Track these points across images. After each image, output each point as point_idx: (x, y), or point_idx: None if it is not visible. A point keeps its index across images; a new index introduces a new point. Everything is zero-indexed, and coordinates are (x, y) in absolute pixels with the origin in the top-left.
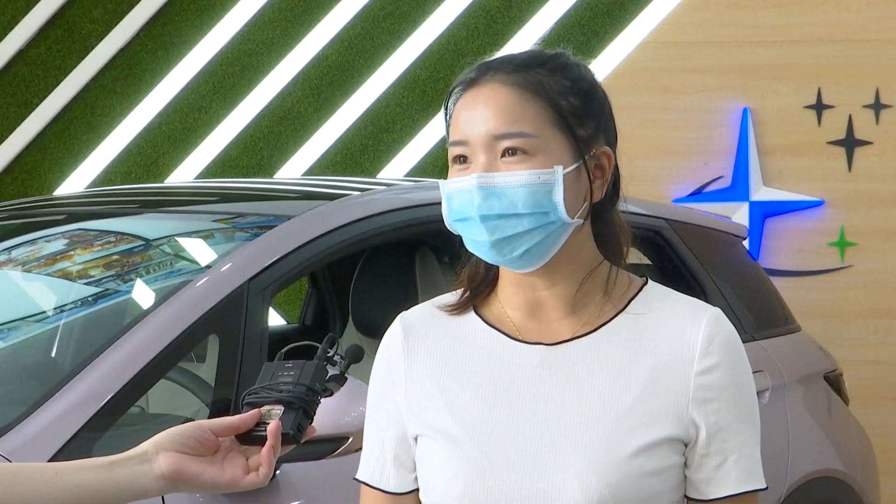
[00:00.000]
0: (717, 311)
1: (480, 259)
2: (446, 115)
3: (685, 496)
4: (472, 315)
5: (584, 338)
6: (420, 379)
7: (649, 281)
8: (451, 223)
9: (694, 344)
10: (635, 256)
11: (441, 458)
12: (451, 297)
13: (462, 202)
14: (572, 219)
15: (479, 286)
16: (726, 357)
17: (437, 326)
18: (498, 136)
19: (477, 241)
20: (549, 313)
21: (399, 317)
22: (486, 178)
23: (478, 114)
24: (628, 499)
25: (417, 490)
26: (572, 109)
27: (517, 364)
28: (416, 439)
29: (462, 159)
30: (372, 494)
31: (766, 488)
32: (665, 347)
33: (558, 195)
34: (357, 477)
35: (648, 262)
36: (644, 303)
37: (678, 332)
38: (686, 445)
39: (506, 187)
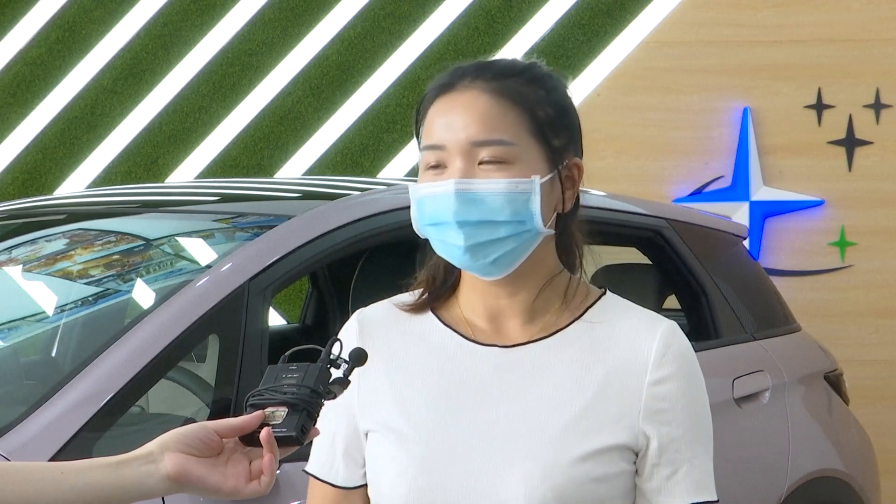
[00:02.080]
0: (673, 323)
1: (441, 264)
2: (417, 118)
3: None
4: (429, 315)
5: (539, 342)
6: (373, 375)
7: (608, 292)
8: (421, 227)
9: (647, 354)
10: (636, 256)
11: (389, 455)
12: (410, 296)
13: (437, 207)
14: (546, 228)
15: (438, 289)
16: (680, 369)
17: (393, 323)
18: (477, 143)
19: (451, 245)
20: (507, 320)
21: (356, 312)
22: (464, 185)
23: (456, 119)
24: (572, 503)
25: (366, 485)
26: (548, 119)
27: (471, 365)
28: (366, 435)
29: (437, 164)
30: (321, 487)
31: (717, 501)
32: (619, 356)
33: (535, 204)
34: (306, 469)
35: (649, 261)
36: (601, 312)
37: (632, 342)
38: (637, 454)
39: (485, 194)
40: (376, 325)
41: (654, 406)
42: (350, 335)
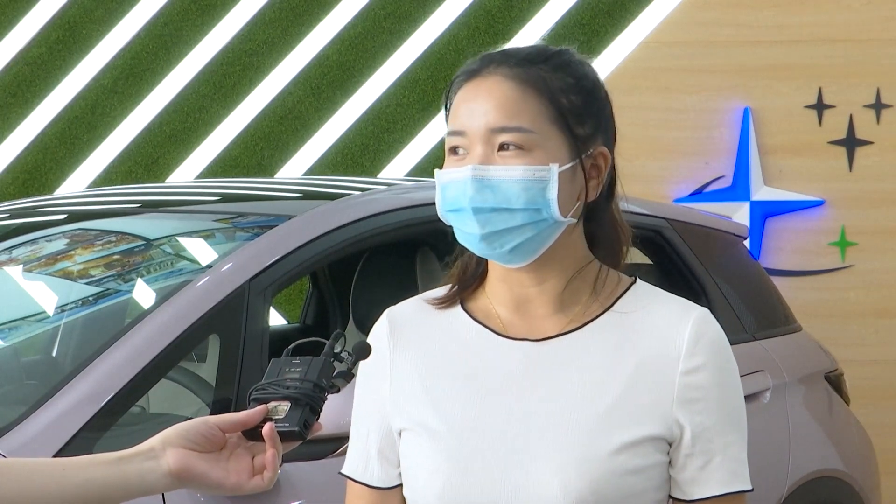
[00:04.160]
0: (705, 311)
1: (472, 254)
2: (447, 104)
3: (669, 496)
4: (458, 310)
5: (569, 335)
6: (405, 373)
7: (638, 280)
8: (443, 213)
9: (680, 343)
10: (636, 256)
11: (423, 453)
12: (440, 291)
13: (456, 193)
14: (565, 217)
15: (467, 280)
16: (712, 357)
17: (423, 320)
18: (496, 130)
19: (467, 233)
20: (535, 310)
21: (386, 311)
22: (480, 171)
23: (477, 106)
24: (609, 496)
25: (402, 485)
26: (572, 107)
27: (501, 359)
28: (400, 434)
29: (459, 150)
30: (357, 489)
31: (752, 490)
32: (651, 346)
33: (552, 193)
34: (342, 471)
35: (649, 261)
36: (631, 301)
37: (664, 331)
38: (670, 445)
39: (500, 181)
40: (406, 323)
41: (687, 395)
42: (381, 334)
